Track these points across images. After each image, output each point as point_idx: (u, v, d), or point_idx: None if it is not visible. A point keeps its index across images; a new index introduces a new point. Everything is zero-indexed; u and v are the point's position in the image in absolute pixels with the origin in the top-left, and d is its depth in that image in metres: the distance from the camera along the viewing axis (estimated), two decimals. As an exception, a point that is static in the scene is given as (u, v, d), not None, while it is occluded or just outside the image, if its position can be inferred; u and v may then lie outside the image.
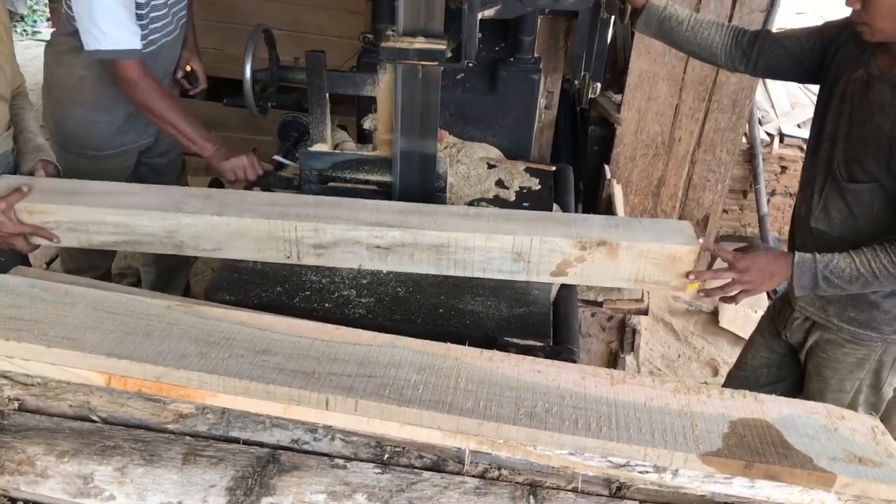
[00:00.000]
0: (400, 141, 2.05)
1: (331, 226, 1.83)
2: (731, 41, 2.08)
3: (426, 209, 1.92)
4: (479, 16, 1.88)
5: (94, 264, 2.80)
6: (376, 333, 1.48)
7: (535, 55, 2.54)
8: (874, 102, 1.79)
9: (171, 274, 2.98)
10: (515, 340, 1.76)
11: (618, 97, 3.32)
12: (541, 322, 1.83)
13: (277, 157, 2.37)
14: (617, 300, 2.43)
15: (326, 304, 1.84)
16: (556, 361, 1.48)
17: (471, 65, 1.96)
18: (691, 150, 3.27)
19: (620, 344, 2.52)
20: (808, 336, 2.05)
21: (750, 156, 3.56)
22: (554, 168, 2.52)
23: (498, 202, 2.31)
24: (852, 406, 2.06)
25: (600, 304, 2.42)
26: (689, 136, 3.23)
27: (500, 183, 2.41)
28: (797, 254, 1.80)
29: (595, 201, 3.22)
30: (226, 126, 4.14)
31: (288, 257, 1.87)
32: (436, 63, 1.89)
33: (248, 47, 2.53)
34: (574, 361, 1.75)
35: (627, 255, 1.78)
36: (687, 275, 1.78)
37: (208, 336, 1.42)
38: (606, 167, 3.19)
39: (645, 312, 2.44)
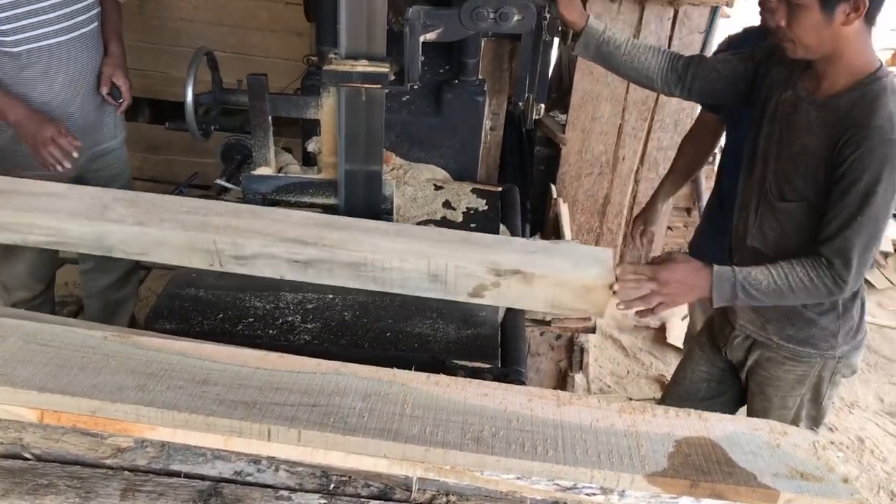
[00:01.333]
0: (344, 163, 2.04)
1: (248, 241, 1.78)
2: (667, 66, 2.11)
3: (346, 224, 1.87)
4: (422, 38, 1.88)
5: (25, 284, 2.69)
6: (321, 361, 1.46)
7: (480, 77, 2.56)
8: (801, 123, 1.84)
9: (115, 307, 2.90)
10: (464, 363, 1.75)
11: (563, 117, 3.36)
12: (488, 343, 1.83)
13: (220, 182, 2.33)
14: (565, 319, 2.43)
15: (270, 331, 1.81)
16: (502, 384, 1.47)
17: (415, 87, 1.96)
18: (635, 169, 3.32)
19: (569, 362, 2.53)
20: (749, 354, 2.08)
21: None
22: (500, 189, 2.53)
23: (445, 224, 2.30)
24: (795, 421, 2.10)
25: (548, 324, 2.42)
26: (632, 154, 3.28)
27: (447, 204, 2.40)
28: (716, 266, 1.82)
29: (542, 221, 3.24)
30: (168, 149, 4.08)
31: (211, 265, 1.82)
32: (379, 86, 1.88)
33: (190, 70, 2.50)
34: (522, 383, 1.75)
35: (543, 284, 1.76)
36: (611, 287, 1.76)
37: (146, 367, 1.38)
38: (553, 186, 3.21)
39: (593, 331, 2.45)
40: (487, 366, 1.75)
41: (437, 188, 2.49)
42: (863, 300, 1.98)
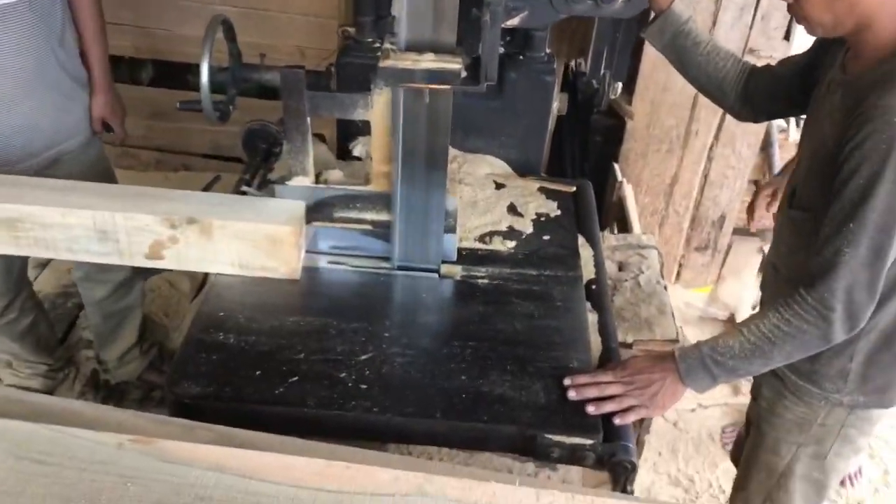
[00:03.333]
0: (401, 175, 1.68)
1: None
2: (743, 79, 1.77)
3: (7, 180, 1.69)
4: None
5: None
6: (398, 474, 1.13)
7: (548, 51, 2.15)
8: (825, 109, 1.48)
9: (119, 318, 2.57)
10: (559, 438, 1.43)
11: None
12: (585, 409, 1.49)
13: (247, 189, 1.97)
14: (649, 340, 2.10)
15: (322, 394, 1.47)
16: (633, 503, 1.15)
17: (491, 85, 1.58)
18: (709, 145, 2.93)
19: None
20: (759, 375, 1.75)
21: (765, 143, 3.23)
22: (574, 188, 2.15)
23: (513, 235, 1.94)
24: (786, 476, 1.78)
25: (630, 346, 2.09)
26: (706, 129, 2.89)
27: (512, 208, 2.04)
28: (677, 347, 1.52)
29: (600, 205, 2.87)
30: (177, 115, 3.64)
31: None
32: (448, 87, 1.51)
33: (206, 43, 2.11)
34: (632, 464, 1.43)
35: (223, 236, 1.61)
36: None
37: (176, 496, 1.06)
38: (616, 167, 2.84)
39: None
40: (589, 442, 1.43)
41: (499, 186, 2.12)
42: None
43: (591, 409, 1.46)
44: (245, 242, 1.63)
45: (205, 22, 2.35)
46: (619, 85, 2.23)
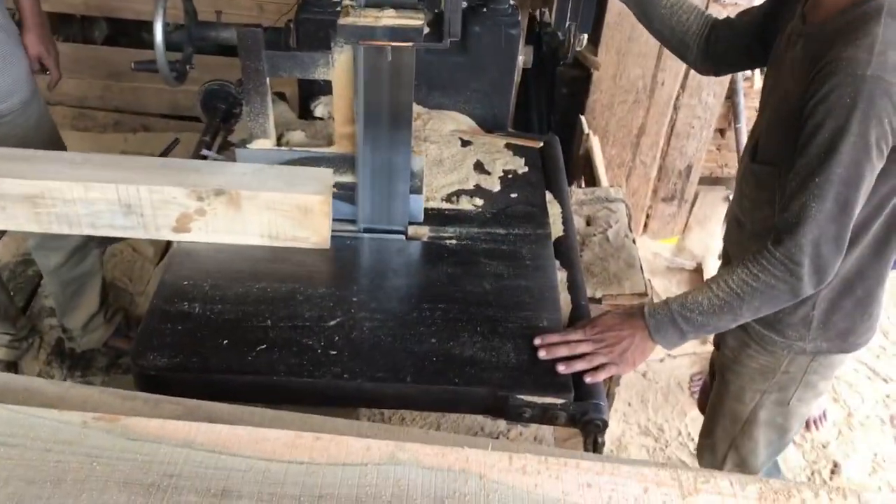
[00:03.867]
0: (363, 136, 1.64)
1: None
2: (706, 34, 1.75)
3: (24, 154, 1.65)
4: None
5: None
6: (369, 443, 1.12)
7: (512, 2, 2.11)
8: (786, 61, 1.47)
9: (77, 286, 2.51)
10: (531, 398, 1.43)
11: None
12: (556, 368, 1.49)
13: (208, 153, 1.91)
14: (618, 295, 2.11)
15: (291, 362, 1.45)
16: (606, 464, 1.15)
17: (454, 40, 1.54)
18: (675, 95, 2.91)
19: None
20: None
21: (730, 91, 3.22)
22: (541, 144, 2.13)
23: (481, 194, 1.92)
24: (749, 425, 1.82)
25: (599, 301, 2.10)
26: (673, 78, 2.86)
27: (479, 166, 2.01)
28: (646, 304, 1.52)
29: (568, 156, 2.86)
30: (134, 75, 3.56)
31: None
32: (410, 44, 1.46)
33: (158, 2, 2.05)
34: (604, 422, 1.44)
35: (252, 207, 1.61)
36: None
37: (143, 474, 1.04)
38: (582, 119, 2.82)
39: (649, 306, 2.14)
40: (560, 401, 1.43)
41: (465, 144, 2.09)
42: (866, 293, 1.60)
43: (561, 368, 1.46)
44: (275, 213, 1.62)
45: (158, -23, 2.27)
46: (585, 37, 2.18)
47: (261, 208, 1.61)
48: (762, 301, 1.44)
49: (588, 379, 1.46)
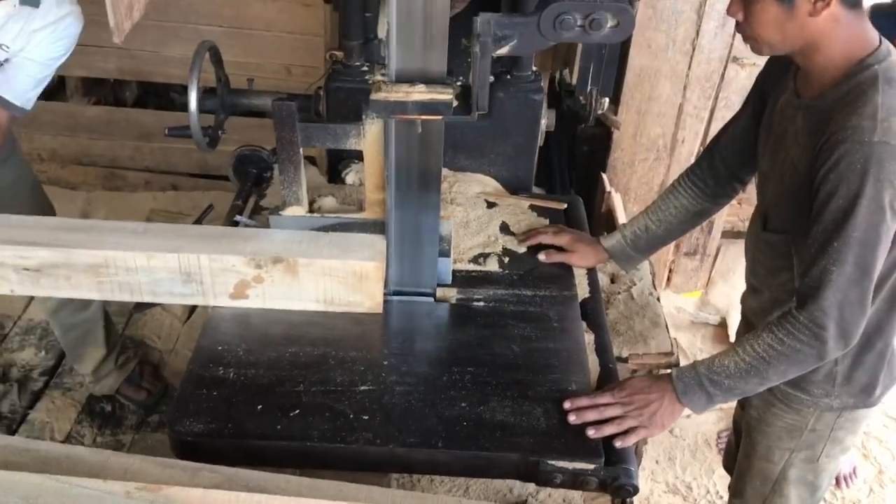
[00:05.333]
0: (394, 202, 1.68)
1: None
2: (694, 185, 1.83)
3: (87, 225, 1.74)
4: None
5: None
6: (406, 512, 1.14)
7: (535, 69, 2.16)
8: (789, 132, 1.51)
9: (80, 332, 2.55)
10: (562, 464, 1.44)
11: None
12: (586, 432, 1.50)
13: (240, 219, 1.96)
14: (644, 354, 2.11)
15: (324, 427, 1.48)
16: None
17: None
18: (695, 152, 2.95)
19: (646, 398, 2.22)
20: None
21: (750, 147, 3.26)
22: (564, 205, 2.17)
23: (507, 255, 1.95)
24: (780, 484, 1.81)
25: (625, 361, 2.10)
26: (693, 136, 2.90)
27: (504, 227, 2.05)
28: (675, 368, 1.57)
29: (589, 215, 2.89)
30: (164, 136, 3.67)
31: None
32: (440, 117, 1.51)
33: (193, 70, 2.12)
34: (634, 487, 1.44)
35: (308, 273, 1.65)
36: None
37: (186, 547, 1.06)
38: (604, 177, 2.85)
39: (676, 365, 2.14)
40: (591, 466, 1.44)
41: (490, 205, 2.13)
42: (885, 345, 1.63)
43: (591, 432, 1.47)
44: (331, 279, 1.66)
45: (188, 42, 2.35)
46: (606, 100, 2.24)
47: (317, 275, 1.66)
48: (788, 365, 1.46)
49: (618, 444, 1.47)
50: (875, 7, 2.14)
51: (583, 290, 1.91)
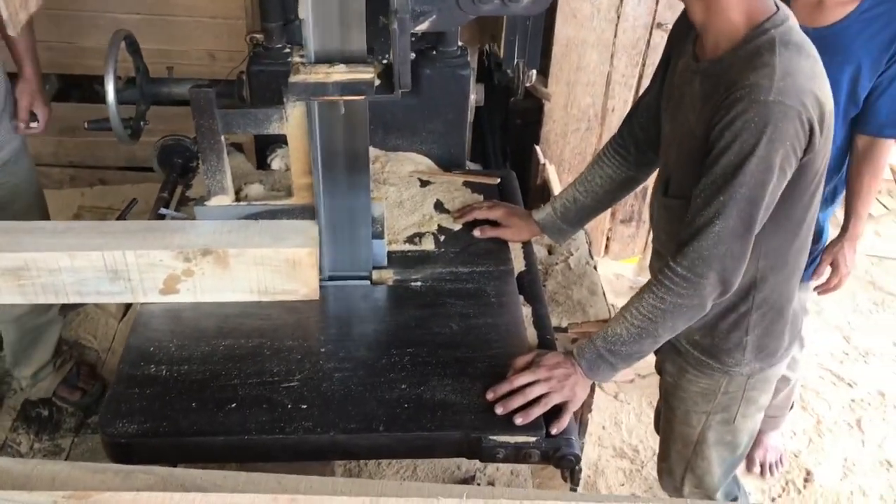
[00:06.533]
0: (322, 185, 1.65)
1: None
2: (621, 152, 1.84)
3: (3, 227, 1.67)
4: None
5: None
6: (344, 500, 1.12)
7: (461, 44, 2.15)
8: (686, 96, 1.53)
9: (34, 334, 2.48)
10: (504, 439, 1.44)
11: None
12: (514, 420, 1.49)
13: (165, 211, 1.91)
14: (583, 322, 2.13)
15: (262, 419, 1.45)
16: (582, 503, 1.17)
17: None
18: (626, 120, 2.98)
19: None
20: (659, 350, 1.82)
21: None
22: (498, 180, 2.16)
23: (442, 233, 1.94)
24: (700, 444, 1.86)
25: (564, 330, 2.12)
26: (622, 104, 2.92)
27: (439, 205, 2.04)
28: (574, 346, 1.58)
29: (524, 187, 2.89)
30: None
31: None
32: (362, 97, 1.49)
33: (109, 61, 2.07)
34: (576, 456, 1.46)
35: (240, 264, 1.63)
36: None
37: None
38: (538, 149, 2.85)
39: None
40: (532, 439, 1.44)
41: (424, 184, 2.12)
42: (794, 312, 1.69)
43: (519, 419, 1.45)
44: (264, 268, 1.64)
45: (107, 31, 2.26)
46: (534, 72, 2.24)
47: (249, 265, 1.63)
48: (674, 320, 1.49)
49: (554, 430, 1.46)
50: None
51: (519, 264, 1.91)
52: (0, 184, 2.20)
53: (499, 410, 1.46)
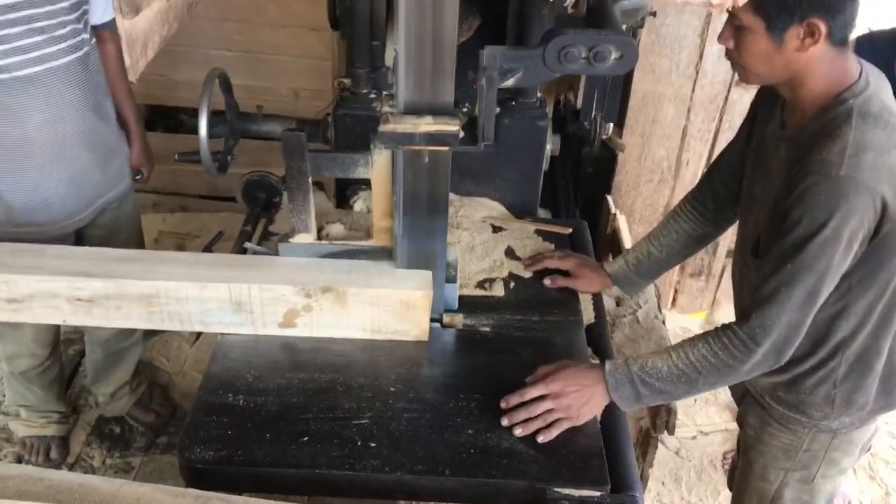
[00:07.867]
0: (402, 230, 1.70)
1: (24, 277, 1.62)
2: (695, 209, 1.86)
3: (140, 255, 1.79)
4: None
5: (31, 352, 2.39)
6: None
7: (540, 96, 2.19)
8: (773, 165, 1.55)
9: (117, 357, 2.60)
10: (568, 491, 1.45)
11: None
12: (593, 460, 1.51)
13: (250, 246, 1.99)
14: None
15: (332, 454, 1.49)
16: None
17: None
18: (699, 174, 2.97)
19: (652, 421, 2.23)
20: (741, 404, 1.82)
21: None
22: (570, 230, 2.19)
23: (512, 280, 1.97)
24: (776, 501, 1.82)
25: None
26: (697, 158, 2.93)
27: (510, 252, 2.07)
28: (608, 361, 1.58)
29: (594, 236, 2.91)
30: (171, 159, 3.71)
31: None
32: (447, 148, 1.54)
33: (203, 97, 2.16)
34: (641, 517, 1.45)
35: (357, 302, 1.68)
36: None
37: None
38: (609, 199, 2.87)
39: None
40: (597, 494, 1.45)
41: (496, 230, 2.15)
42: (888, 368, 1.65)
43: (518, 431, 1.52)
44: (379, 308, 1.69)
45: (198, 66, 2.39)
46: (611, 125, 2.27)
47: (365, 304, 1.68)
48: (718, 377, 1.51)
49: (541, 439, 1.50)
50: (873, 35, 2.17)
51: (588, 315, 1.93)
52: (104, 224, 2.31)
53: (504, 422, 1.53)
